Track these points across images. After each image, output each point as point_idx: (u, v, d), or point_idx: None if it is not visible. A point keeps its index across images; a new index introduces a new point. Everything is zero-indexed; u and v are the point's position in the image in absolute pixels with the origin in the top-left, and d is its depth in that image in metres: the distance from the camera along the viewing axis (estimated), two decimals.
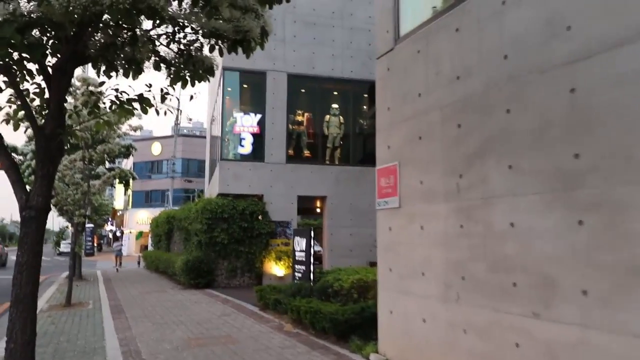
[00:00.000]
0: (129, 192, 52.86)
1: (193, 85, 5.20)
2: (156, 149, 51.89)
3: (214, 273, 14.88)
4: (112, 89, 4.29)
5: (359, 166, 16.42)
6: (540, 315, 3.87)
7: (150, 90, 4.40)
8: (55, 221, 62.12)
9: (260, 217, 15.17)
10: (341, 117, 16.62)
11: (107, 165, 20.07)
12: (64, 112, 4.10)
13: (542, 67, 3.99)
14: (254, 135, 15.62)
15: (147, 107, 4.40)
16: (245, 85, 16.43)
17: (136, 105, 4.40)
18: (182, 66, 4.98)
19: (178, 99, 44.05)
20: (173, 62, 4.94)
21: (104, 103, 4.31)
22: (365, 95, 17.38)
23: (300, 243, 9.90)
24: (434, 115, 5.27)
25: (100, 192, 14.79)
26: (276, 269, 15.16)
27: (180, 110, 44.39)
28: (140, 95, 4.32)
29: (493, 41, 4.54)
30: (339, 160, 16.49)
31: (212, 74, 5.19)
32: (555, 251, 3.78)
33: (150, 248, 34.30)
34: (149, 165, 52.52)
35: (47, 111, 4.15)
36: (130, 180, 22.05)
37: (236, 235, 14.85)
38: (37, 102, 4.35)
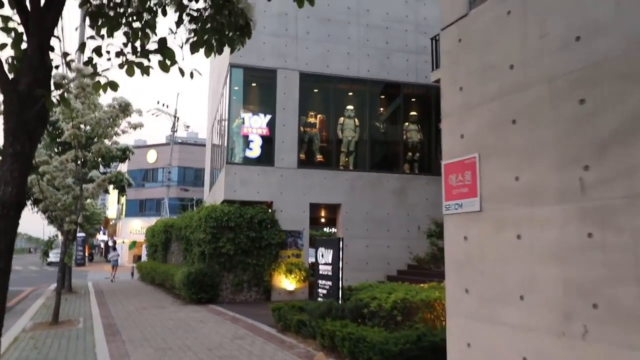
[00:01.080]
0: (123, 200, 51.34)
1: (220, 52, 3.96)
2: (151, 156, 50.42)
3: (218, 287, 13.51)
4: (122, 34, 3.03)
5: (376, 172, 15.20)
6: None
7: (175, 32, 3.14)
8: (45, 230, 60.33)
9: (269, 226, 13.85)
10: (356, 120, 15.41)
11: (102, 169, 18.74)
12: (47, 64, 2.83)
13: None
14: (263, 137, 14.36)
15: (169, 63, 3.13)
16: (253, 84, 15.21)
17: (154, 59, 3.14)
18: (208, 21, 3.77)
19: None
20: (201, 13, 3.72)
21: (107, 52, 3.04)
22: (382, 97, 16.21)
23: (325, 255, 8.60)
24: (538, 91, 4.05)
25: (94, 196, 13.43)
26: (286, 282, 13.83)
27: (178, 117, 43.29)
28: (162, 42, 3.06)
29: None
30: (354, 165, 15.26)
31: (249, 35, 3.96)
32: None
33: (144, 259, 32.79)
34: (143, 173, 50.97)
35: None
36: (126, 186, 20.75)
37: (243, 245, 13.52)
38: (10, 53, 3.07)
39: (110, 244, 54.95)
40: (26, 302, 15.17)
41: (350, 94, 15.84)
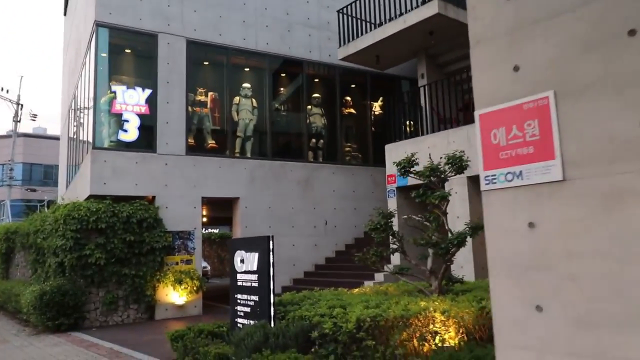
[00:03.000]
0: None
1: None
2: None
3: (83, 308, 10.46)
4: None
5: (279, 160, 13.23)
6: None
7: None
8: None
9: (152, 227, 11.12)
10: (254, 100, 13.29)
11: None
12: None
13: None
14: (141, 116, 11.56)
15: None
16: (128, 50, 12.25)
17: None
18: None
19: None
20: None
21: None
22: (283, 75, 14.29)
23: (248, 260, 6.44)
24: None
25: None
26: (175, 295, 11.24)
27: (21, 105, 36.90)
28: None
29: None
30: (252, 152, 13.11)
31: None
32: None
33: None
34: None
35: None
36: None
37: (118, 252, 10.64)
38: None
39: None
40: None
41: (247, 69, 13.67)
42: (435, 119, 11.95)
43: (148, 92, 11.64)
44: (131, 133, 11.38)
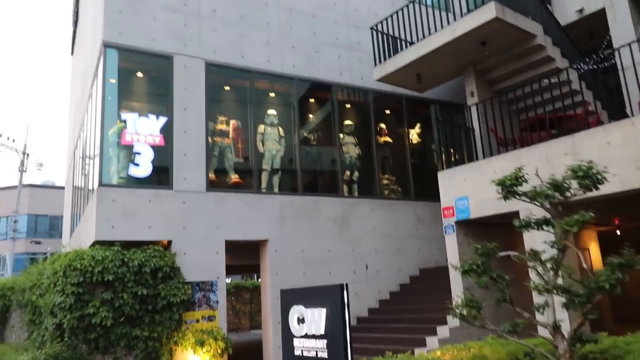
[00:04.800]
0: None
1: None
2: None
3: None
4: None
5: (310, 195, 11.53)
6: None
7: None
8: None
9: (168, 277, 9.31)
10: (281, 129, 11.74)
11: None
12: None
13: None
14: (155, 148, 9.96)
15: None
16: (140, 74, 10.80)
17: None
18: None
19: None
20: None
21: None
22: (312, 100, 12.80)
23: (310, 319, 4.60)
24: None
25: None
26: None
27: (27, 154, 35.86)
28: None
29: None
30: (281, 187, 11.42)
31: None
32: None
33: None
34: None
35: None
36: None
37: (128, 309, 8.76)
38: None
39: None
40: None
41: (272, 94, 12.19)
42: (494, 141, 10.35)
43: (163, 120, 10.11)
44: (144, 167, 9.76)
